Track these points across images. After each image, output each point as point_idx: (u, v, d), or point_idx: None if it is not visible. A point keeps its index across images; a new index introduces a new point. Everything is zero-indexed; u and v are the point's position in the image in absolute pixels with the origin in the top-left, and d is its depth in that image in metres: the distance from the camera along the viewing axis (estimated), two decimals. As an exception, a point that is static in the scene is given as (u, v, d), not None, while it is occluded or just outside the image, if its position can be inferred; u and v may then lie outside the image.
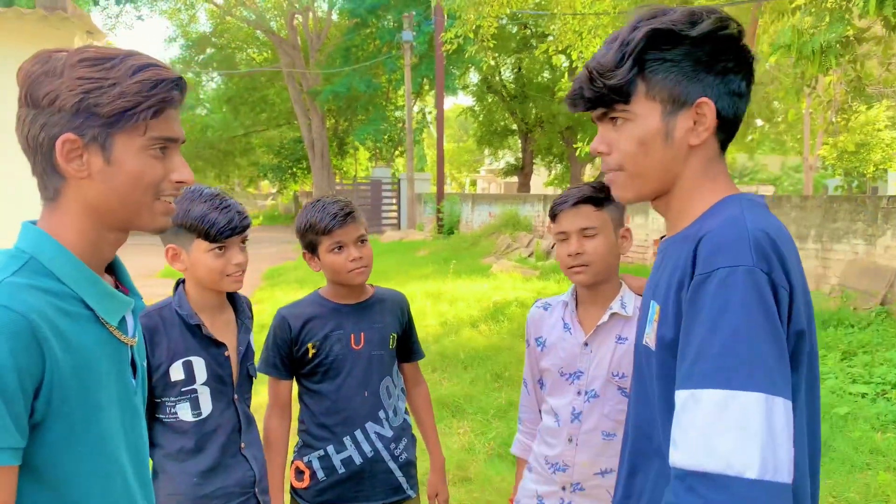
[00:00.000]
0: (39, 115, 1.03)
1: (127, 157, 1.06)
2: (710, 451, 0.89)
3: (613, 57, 1.07)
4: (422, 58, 23.57)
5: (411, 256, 14.33)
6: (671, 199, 1.13)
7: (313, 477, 2.03)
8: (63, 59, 1.03)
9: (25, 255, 1.05)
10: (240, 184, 39.71)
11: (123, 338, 1.14)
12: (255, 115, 32.83)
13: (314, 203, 2.05)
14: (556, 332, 1.85)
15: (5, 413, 0.94)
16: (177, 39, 34.80)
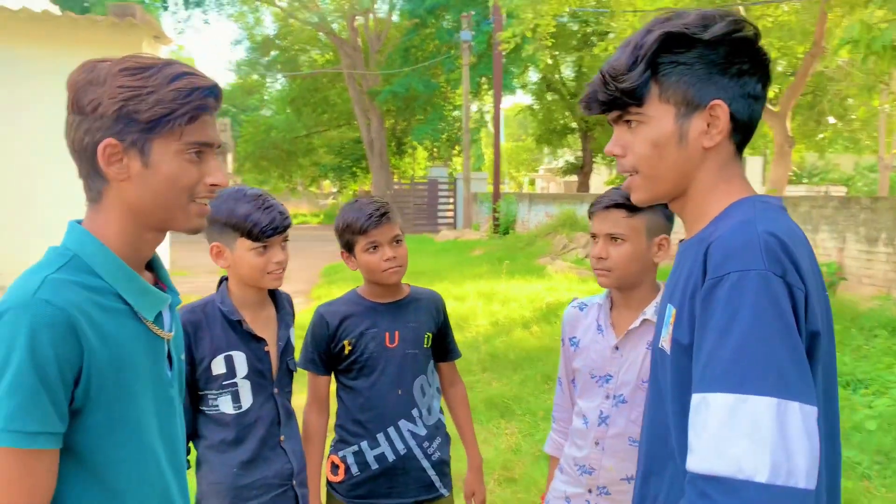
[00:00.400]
0: (84, 121, 1.10)
1: (163, 160, 1.11)
2: (720, 455, 0.89)
3: (626, 60, 1.08)
4: (480, 57, 23.56)
5: (466, 256, 14.37)
6: (687, 202, 1.13)
7: (347, 471, 2.08)
8: (106, 69, 1.09)
9: (70, 252, 1.12)
10: (302, 183, 40.52)
11: (159, 332, 1.20)
12: (317, 115, 33.44)
13: (351, 203, 2.09)
14: (589, 333, 1.85)
15: (46, 400, 1.01)
16: (242, 42, 35.88)
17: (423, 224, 23.62)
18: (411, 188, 25.42)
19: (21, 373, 0.99)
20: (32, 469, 1.02)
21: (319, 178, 38.01)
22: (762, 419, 0.88)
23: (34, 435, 1.00)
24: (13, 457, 1.00)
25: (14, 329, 1.00)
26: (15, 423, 0.99)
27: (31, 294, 1.03)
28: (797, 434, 0.88)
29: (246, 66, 35.92)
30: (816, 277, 1.02)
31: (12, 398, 0.99)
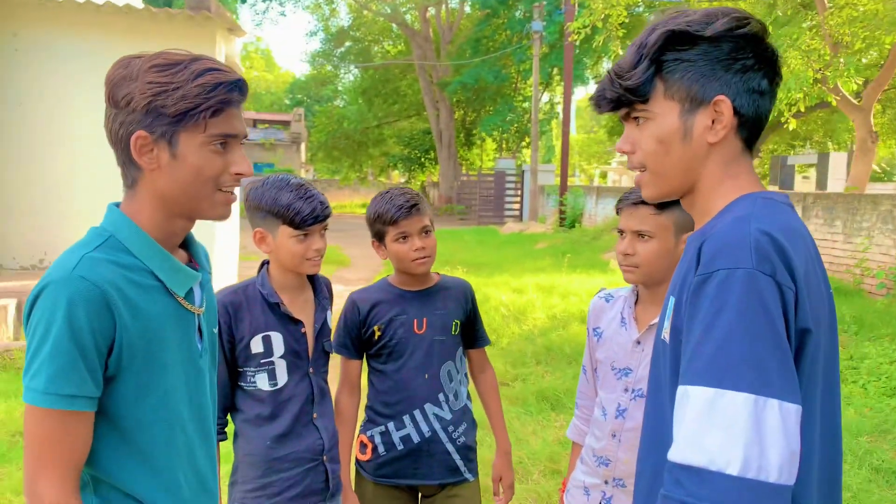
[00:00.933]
0: (119, 114, 1.18)
1: (189, 151, 1.18)
2: (696, 447, 0.92)
3: (631, 59, 1.10)
4: (551, 48, 23.32)
5: (529, 249, 14.30)
6: (695, 198, 1.14)
7: (374, 451, 2.14)
8: (138, 65, 1.17)
9: (107, 232, 1.22)
10: (372, 173, 41.13)
11: (190, 307, 1.28)
12: (388, 106, 33.85)
13: (383, 194, 2.14)
14: (613, 325, 1.85)
15: (83, 367, 1.11)
16: (317, 34, 36.58)
17: (488, 216, 23.58)
18: (478, 179, 25.39)
19: (60, 342, 1.09)
20: (70, 429, 1.12)
21: (389, 168, 38.47)
22: (738, 414, 0.90)
23: (71, 398, 1.11)
24: (53, 417, 1.11)
25: (54, 302, 1.10)
26: (54, 387, 1.10)
27: (69, 270, 1.12)
28: (773, 431, 0.89)
29: (320, 57, 36.65)
30: (815, 274, 1.02)
31: (52, 364, 1.10)
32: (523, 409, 4.99)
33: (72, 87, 7.63)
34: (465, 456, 2.17)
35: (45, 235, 7.67)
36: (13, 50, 7.51)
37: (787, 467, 0.90)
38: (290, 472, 1.93)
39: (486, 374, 2.31)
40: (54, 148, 7.63)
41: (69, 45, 7.63)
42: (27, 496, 1.13)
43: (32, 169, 7.59)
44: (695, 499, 0.90)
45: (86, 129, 7.71)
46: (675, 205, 1.63)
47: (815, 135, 23.52)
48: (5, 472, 3.70)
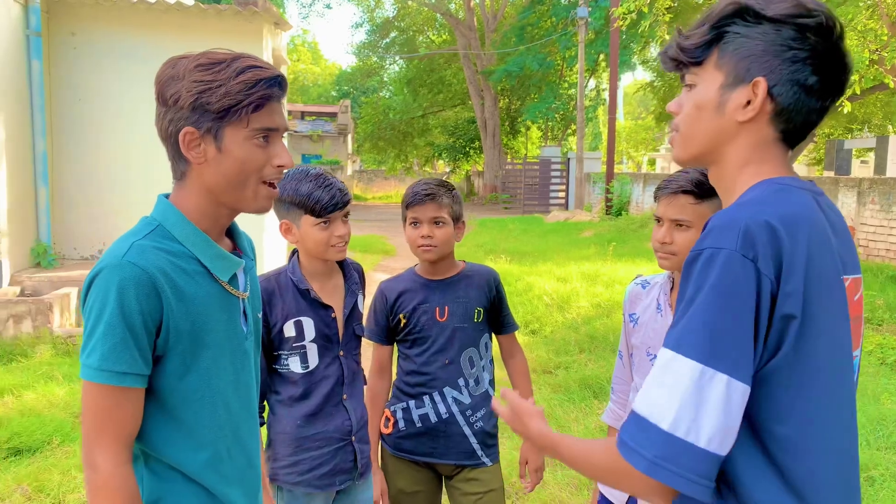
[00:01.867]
0: (168, 112, 1.26)
1: (234, 145, 1.25)
2: (644, 399, 1.01)
3: (699, 22, 1.13)
4: (597, 34, 23.00)
5: (574, 237, 14.20)
6: (720, 174, 1.16)
7: (396, 426, 2.25)
8: (184, 65, 1.25)
9: (156, 222, 1.31)
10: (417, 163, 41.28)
11: (234, 291, 1.36)
12: (433, 96, 33.88)
13: (416, 181, 2.25)
14: (649, 311, 1.86)
15: (133, 346, 1.20)
16: (363, 25, 36.81)
17: (533, 204, 23.46)
18: (523, 168, 25.25)
19: (112, 322, 1.18)
20: (121, 403, 1.20)
21: (434, 157, 38.55)
22: (682, 378, 0.97)
23: (123, 374, 1.19)
24: (105, 392, 1.19)
25: (106, 286, 1.19)
26: (107, 364, 1.18)
27: (120, 257, 1.21)
28: (714, 401, 0.96)
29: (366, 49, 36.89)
30: (826, 262, 1.03)
31: (105, 343, 1.18)
32: (566, 396, 5.01)
33: (127, 84, 7.91)
34: (483, 441, 2.24)
35: (104, 226, 7.99)
36: (71, 49, 7.82)
37: (719, 438, 0.96)
38: (319, 451, 2.02)
39: (516, 359, 2.36)
40: (111, 143, 7.93)
41: (123, 43, 7.90)
42: (85, 467, 1.21)
43: (91, 163, 7.90)
44: (634, 442, 1.00)
45: (140, 124, 7.98)
46: (715, 195, 1.63)
47: (874, 118, 22.65)
48: (70, 451, 3.92)
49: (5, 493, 3.40)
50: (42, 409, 4.48)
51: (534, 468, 2.27)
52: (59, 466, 3.67)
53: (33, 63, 7.21)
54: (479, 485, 2.22)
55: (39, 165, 7.33)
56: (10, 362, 5.48)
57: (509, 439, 4.19)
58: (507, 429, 4.57)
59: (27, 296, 6.53)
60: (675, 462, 0.96)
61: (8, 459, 3.81)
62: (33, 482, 3.49)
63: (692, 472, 0.96)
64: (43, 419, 4.25)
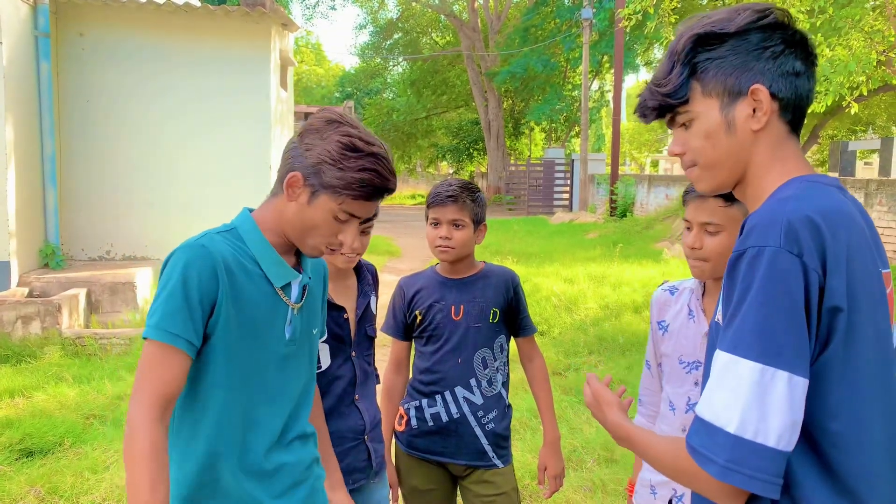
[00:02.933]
0: (298, 149, 1.43)
1: (320, 209, 1.42)
2: (708, 404, 1.03)
3: (665, 67, 1.18)
4: (602, 35, 22.98)
5: (580, 239, 14.19)
6: (746, 186, 1.19)
7: (408, 424, 2.27)
8: (333, 129, 1.41)
9: (232, 226, 1.49)
10: (421, 164, 41.32)
11: (285, 298, 1.50)
12: (437, 97, 33.90)
13: (441, 181, 2.27)
14: (680, 318, 1.82)
15: (187, 314, 1.34)
16: (366, 26, 36.82)
17: (537, 206, 23.43)
18: (527, 169, 25.23)
19: (174, 291, 1.34)
20: (167, 363, 1.32)
21: (437, 159, 38.59)
22: (743, 380, 0.99)
23: (175, 336, 1.32)
24: (157, 349, 1.32)
25: (176, 262, 1.36)
26: (163, 323, 1.32)
27: (195, 241, 1.40)
28: (778, 399, 0.97)
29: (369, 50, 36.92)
30: (864, 254, 1.05)
31: (165, 307, 1.33)
32: (577, 398, 4.99)
33: (135, 85, 7.92)
34: (495, 442, 2.23)
35: (111, 227, 8.00)
36: (80, 49, 7.82)
37: (788, 435, 0.98)
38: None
39: (535, 363, 2.35)
40: (119, 144, 7.93)
41: (132, 44, 7.91)
42: (126, 423, 1.32)
43: (99, 164, 7.91)
44: (703, 448, 1.01)
45: (148, 124, 7.98)
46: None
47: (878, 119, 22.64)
48: (82, 452, 3.91)
49: (19, 495, 3.39)
50: (53, 411, 4.47)
51: (553, 474, 2.26)
52: (72, 468, 3.67)
53: (42, 64, 7.22)
54: (491, 487, 2.22)
55: (48, 166, 7.34)
56: (19, 363, 5.48)
57: (521, 440, 4.18)
58: (519, 431, 4.56)
59: (36, 297, 6.53)
60: (747, 465, 0.97)
61: (20, 461, 3.81)
62: (46, 484, 3.49)
63: (764, 472, 0.97)
64: (54, 420, 4.24)
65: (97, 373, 5.27)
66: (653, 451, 1.14)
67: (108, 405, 4.66)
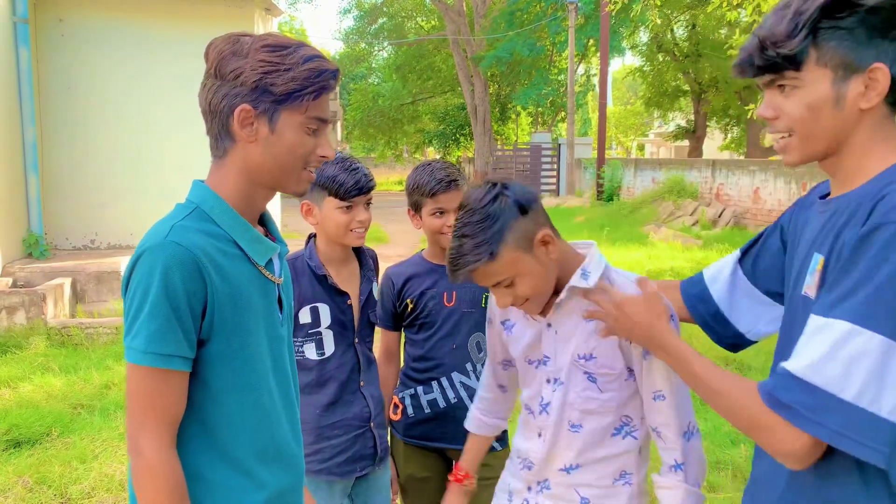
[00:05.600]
0: (223, 86, 1.23)
1: (287, 129, 1.25)
2: (817, 368, 1.02)
3: (787, 26, 1.11)
4: (587, 18, 22.88)
5: (567, 223, 14.22)
6: (841, 160, 1.16)
7: (404, 412, 2.25)
8: (249, 42, 1.23)
9: (193, 204, 1.29)
10: (407, 150, 41.12)
11: (270, 276, 1.35)
12: (422, 82, 33.67)
13: (425, 165, 2.19)
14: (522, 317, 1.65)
15: (178, 328, 1.18)
16: (351, 11, 36.48)
17: (525, 190, 23.37)
18: (513, 154, 25.21)
19: (157, 304, 1.16)
20: (167, 387, 1.19)
21: (424, 144, 38.41)
22: (871, 353, 0.99)
23: (169, 357, 1.17)
24: (151, 375, 1.18)
25: (151, 267, 1.17)
26: (153, 346, 1.17)
27: (163, 237, 1.19)
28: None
29: (354, 35, 36.61)
30: None
31: (150, 325, 1.17)
32: (564, 381, 5.02)
33: (116, 70, 7.81)
34: None
35: (95, 216, 7.92)
36: (59, 35, 7.70)
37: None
38: (339, 439, 2.02)
39: None
40: (101, 131, 7.84)
41: (113, 29, 7.79)
42: (130, 451, 1.21)
43: (81, 151, 7.81)
44: (806, 409, 1.02)
45: (130, 111, 7.89)
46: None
47: None
48: (70, 442, 3.89)
49: (7, 486, 3.37)
50: (40, 401, 4.44)
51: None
52: (60, 458, 3.65)
53: (21, 50, 7.10)
54: (489, 470, 2.21)
55: (29, 154, 7.24)
56: (4, 354, 5.43)
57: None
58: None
59: (20, 287, 6.46)
60: (861, 432, 0.99)
61: (7, 451, 3.79)
62: (34, 474, 3.47)
63: (876, 440, 0.99)
64: (41, 411, 4.22)
65: (84, 362, 5.24)
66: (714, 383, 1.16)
67: (95, 394, 4.63)
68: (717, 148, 30.03)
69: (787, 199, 12.00)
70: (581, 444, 1.55)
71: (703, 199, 14.71)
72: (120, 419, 4.18)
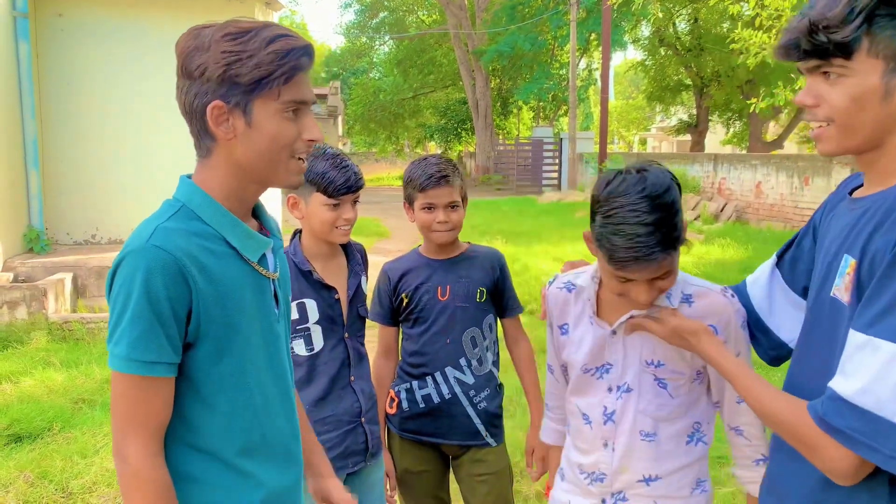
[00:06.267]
0: (192, 85, 1.18)
1: (264, 119, 1.18)
2: (868, 393, 0.99)
3: (842, 11, 1.05)
4: (589, 12, 22.83)
5: (569, 218, 14.20)
6: (879, 157, 1.12)
7: (399, 406, 2.25)
8: (210, 35, 1.16)
9: (179, 203, 1.23)
10: (409, 144, 41.07)
11: (264, 272, 1.30)
12: (424, 77, 33.63)
13: (421, 159, 2.18)
14: (582, 322, 1.61)
15: (161, 334, 1.14)
16: (352, 5, 36.39)
17: (526, 185, 23.38)
18: (515, 148, 25.15)
19: (139, 310, 1.13)
20: (151, 393, 1.16)
21: (425, 139, 38.38)
22: None
23: (151, 364, 1.14)
24: (134, 383, 1.15)
25: (132, 272, 1.13)
26: (135, 353, 1.13)
27: (145, 240, 1.14)
28: None
29: (355, 29, 36.54)
30: None
31: (132, 332, 1.13)
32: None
33: (117, 65, 7.79)
34: (488, 421, 2.22)
35: (96, 211, 7.91)
36: (59, 30, 7.68)
37: None
38: (329, 434, 2.01)
39: (520, 346, 2.33)
40: (102, 125, 7.82)
41: (112, 24, 7.77)
42: (115, 458, 1.18)
43: (82, 146, 7.80)
44: (860, 435, 0.99)
45: (130, 105, 7.87)
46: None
47: None
48: (71, 437, 3.89)
49: (8, 480, 3.38)
50: (41, 396, 4.45)
51: (540, 457, 2.23)
52: (61, 453, 3.65)
53: (21, 45, 7.08)
54: (484, 466, 2.22)
55: (30, 149, 7.23)
56: (5, 349, 5.44)
57: (510, 418, 4.19)
58: (509, 409, 4.57)
59: (21, 282, 6.47)
60: None
61: (9, 446, 3.79)
62: (36, 469, 3.47)
63: None
64: (42, 405, 4.22)
65: (85, 357, 5.24)
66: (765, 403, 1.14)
67: (96, 389, 4.63)
68: (720, 142, 29.96)
69: (789, 194, 11.97)
70: (657, 453, 1.54)
71: (705, 194, 14.68)
72: (121, 414, 4.18)
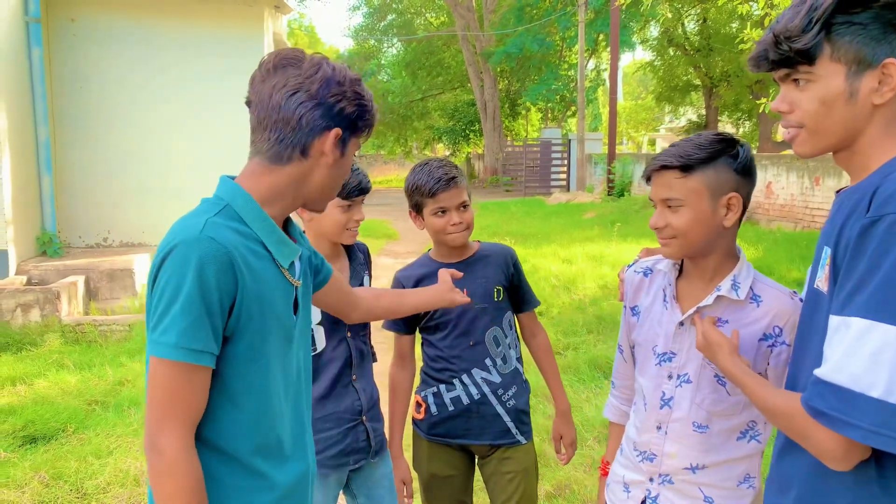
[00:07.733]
0: (320, 107, 1.28)
1: (348, 158, 1.37)
2: (842, 369, 1.03)
3: (801, 21, 1.13)
4: (597, 13, 22.82)
5: (577, 219, 14.19)
6: (853, 155, 1.18)
7: (428, 411, 2.23)
8: (342, 72, 1.31)
9: (223, 201, 1.29)
10: (417, 146, 41.09)
11: (291, 278, 1.36)
12: (432, 79, 33.66)
13: (422, 165, 2.17)
14: (655, 305, 1.66)
15: (207, 324, 1.18)
16: (360, 8, 36.48)
17: (534, 186, 23.36)
18: (523, 149, 25.12)
19: (190, 299, 1.16)
20: (194, 383, 1.19)
21: (433, 141, 38.38)
22: (888, 345, 0.99)
23: (199, 352, 1.18)
24: (181, 370, 1.17)
25: (184, 262, 1.17)
26: (185, 341, 1.16)
27: (198, 232, 1.19)
28: None
29: (363, 32, 36.61)
30: None
31: (183, 320, 1.16)
32: (576, 377, 5.02)
33: (128, 69, 7.86)
34: (518, 419, 2.21)
35: (108, 214, 7.98)
36: (72, 36, 7.75)
37: None
38: (330, 432, 2.04)
39: (538, 338, 2.34)
40: (113, 129, 7.89)
41: (124, 28, 7.83)
42: (148, 448, 1.18)
43: (94, 150, 7.87)
44: (839, 413, 1.02)
45: (142, 109, 7.93)
46: (704, 164, 1.49)
47: None
48: (85, 438, 3.93)
49: (24, 481, 3.41)
50: (55, 397, 4.49)
51: (568, 442, 2.26)
52: (76, 454, 3.69)
53: (33, 50, 7.16)
54: (513, 463, 2.21)
55: (42, 153, 7.30)
56: (19, 351, 5.49)
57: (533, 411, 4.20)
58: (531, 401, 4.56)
59: (34, 285, 6.53)
60: (894, 427, 0.99)
61: (24, 447, 3.83)
62: (50, 469, 3.51)
63: None
64: (56, 407, 4.26)
65: (98, 359, 5.29)
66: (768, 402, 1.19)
67: (109, 391, 4.68)
68: (729, 142, 29.80)
69: (799, 194, 11.91)
70: (706, 444, 1.58)
71: (715, 194, 14.58)
72: (134, 415, 4.22)
